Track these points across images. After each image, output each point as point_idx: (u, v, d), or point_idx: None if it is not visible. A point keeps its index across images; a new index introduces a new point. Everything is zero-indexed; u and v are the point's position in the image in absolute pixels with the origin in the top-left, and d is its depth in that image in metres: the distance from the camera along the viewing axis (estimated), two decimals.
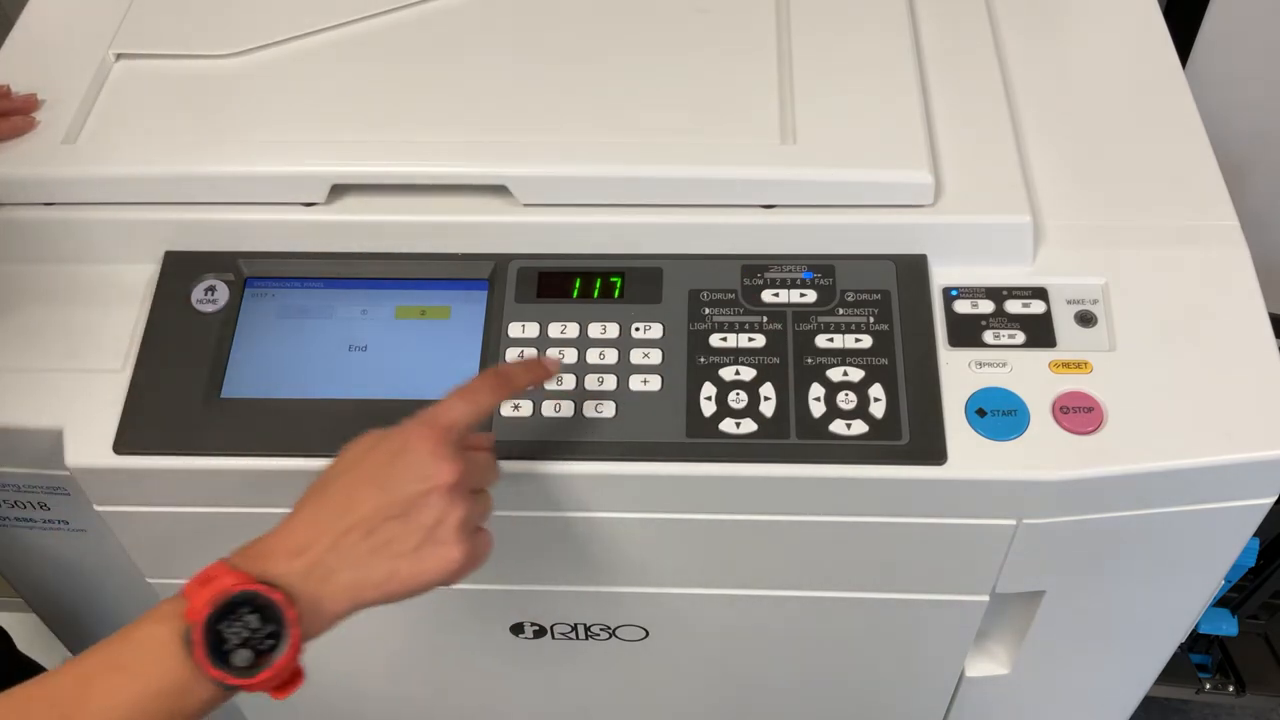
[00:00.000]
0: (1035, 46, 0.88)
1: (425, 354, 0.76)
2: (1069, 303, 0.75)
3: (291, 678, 0.58)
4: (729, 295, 0.76)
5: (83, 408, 0.74)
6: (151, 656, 0.55)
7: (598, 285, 0.77)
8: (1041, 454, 0.70)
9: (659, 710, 1.01)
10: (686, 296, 0.76)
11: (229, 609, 0.55)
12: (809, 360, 0.74)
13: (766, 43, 0.84)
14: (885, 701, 0.98)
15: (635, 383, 0.73)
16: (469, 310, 0.77)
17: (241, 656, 0.55)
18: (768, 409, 0.72)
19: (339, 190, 0.78)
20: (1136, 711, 1.06)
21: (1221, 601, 1.26)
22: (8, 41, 0.87)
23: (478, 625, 0.89)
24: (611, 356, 0.74)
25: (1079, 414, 0.71)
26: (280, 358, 0.76)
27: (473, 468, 0.62)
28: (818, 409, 0.72)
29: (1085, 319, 0.75)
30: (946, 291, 0.76)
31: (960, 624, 0.85)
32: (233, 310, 0.77)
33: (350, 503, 0.60)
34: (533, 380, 0.69)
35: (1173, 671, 1.20)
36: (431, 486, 0.60)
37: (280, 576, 0.57)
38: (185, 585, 0.57)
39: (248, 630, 0.56)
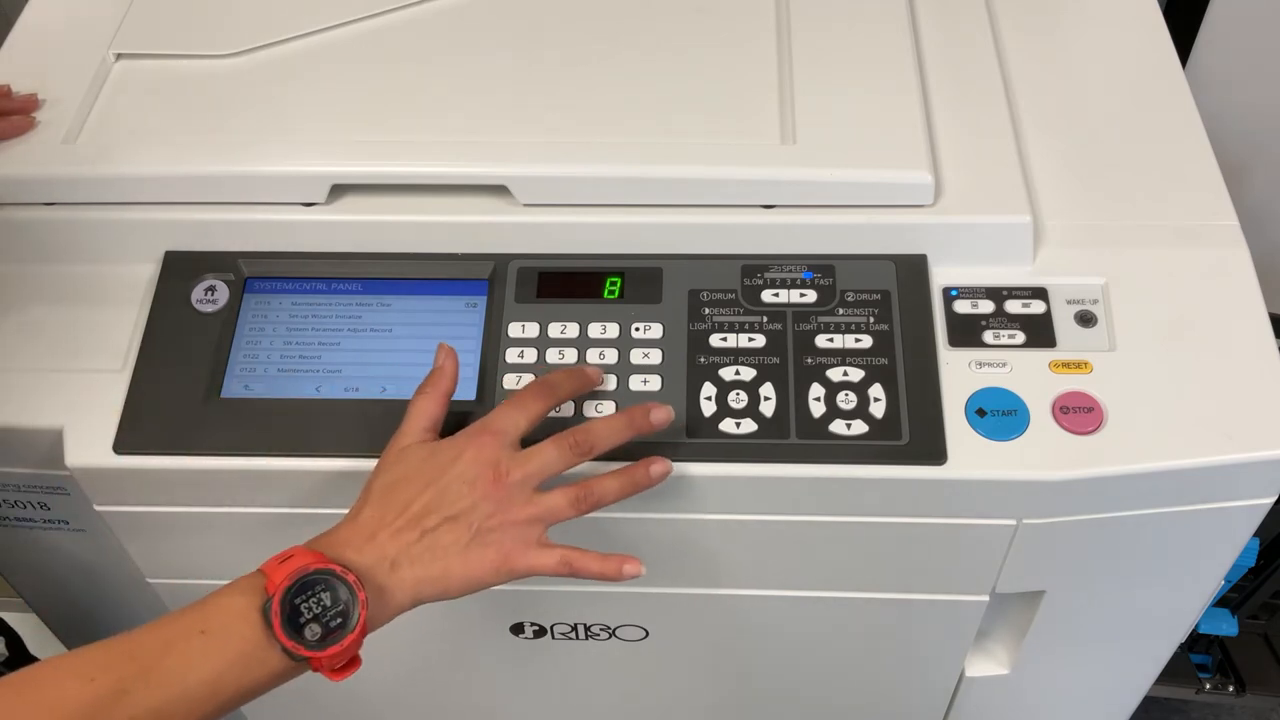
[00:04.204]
0: (1035, 46, 0.89)
1: (425, 354, 0.76)
2: (1069, 303, 0.76)
3: (351, 661, 0.62)
4: (729, 295, 0.76)
5: (83, 408, 0.74)
6: (231, 623, 0.59)
7: (598, 285, 0.77)
8: (1041, 454, 0.70)
9: (659, 710, 1.01)
10: (686, 296, 0.76)
11: (306, 585, 0.59)
12: (809, 360, 0.74)
13: (766, 43, 0.84)
14: (885, 701, 0.98)
15: (635, 383, 0.73)
16: (469, 310, 0.77)
17: (312, 630, 0.59)
18: (768, 409, 0.72)
19: (339, 190, 0.78)
20: (1136, 711, 1.06)
21: (1221, 601, 1.26)
22: (8, 41, 0.87)
23: (478, 625, 0.89)
24: (611, 356, 0.74)
25: (1079, 414, 0.71)
26: (280, 358, 0.76)
27: (527, 467, 0.66)
28: (818, 409, 0.72)
29: (1085, 319, 0.75)
30: (946, 291, 0.76)
31: (960, 624, 0.85)
32: (233, 310, 0.77)
33: (409, 504, 0.64)
34: (576, 389, 0.71)
35: (1173, 671, 1.20)
36: (480, 489, 0.64)
37: (352, 562, 0.62)
38: (264, 564, 0.61)
39: (320, 607, 0.59)
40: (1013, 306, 0.75)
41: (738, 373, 0.73)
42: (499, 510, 0.65)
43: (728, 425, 0.72)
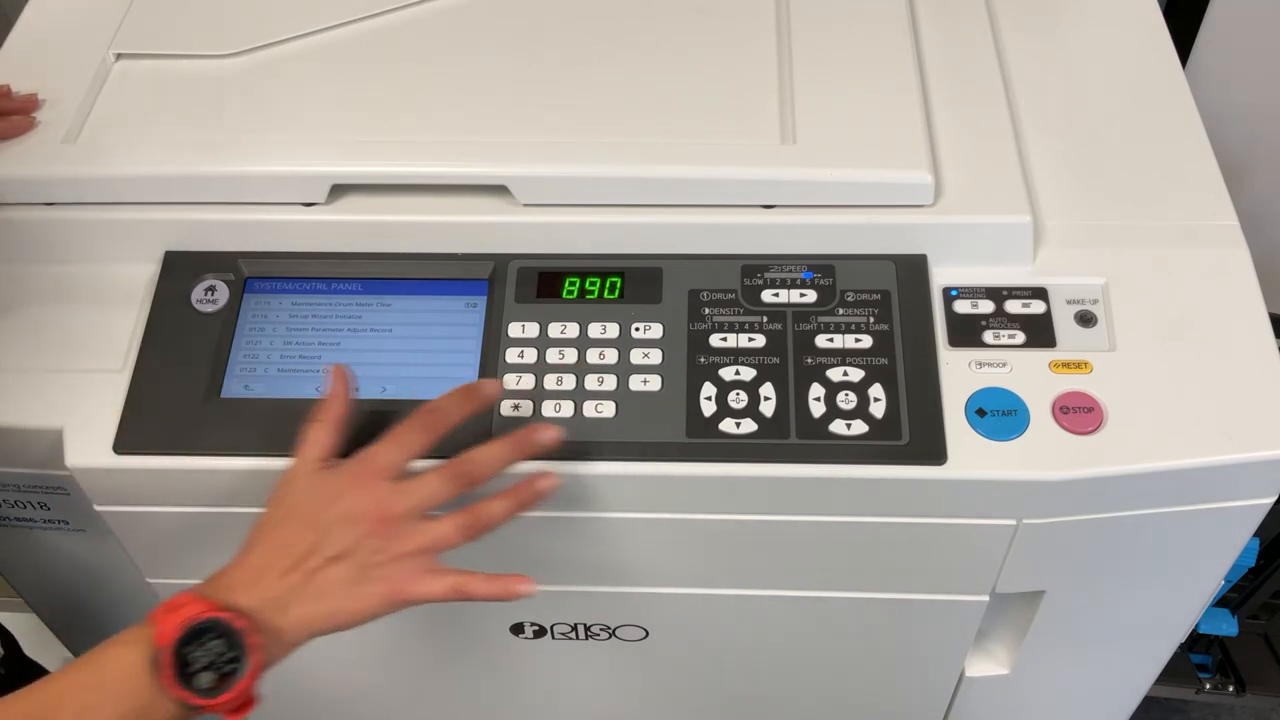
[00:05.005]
0: (1035, 46, 0.89)
1: (425, 354, 0.76)
2: (1069, 303, 0.76)
3: (248, 700, 0.62)
4: (729, 295, 0.76)
5: (83, 408, 0.74)
6: (120, 677, 0.59)
7: (598, 285, 0.77)
8: (1041, 454, 0.70)
9: (659, 710, 1.01)
10: (686, 296, 0.76)
11: (196, 634, 0.60)
12: (809, 360, 0.74)
13: (766, 43, 0.84)
14: (885, 701, 0.98)
15: (635, 383, 0.73)
16: (469, 310, 0.77)
17: (205, 679, 0.60)
18: (768, 409, 0.72)
19: (339, 190, 0.78)
20: (1136, 711, 1.06)
21: (1221, 601, 1.26)
22: (8, 41, 0.87)
23: (478, 625, 0.89)
24: (611, 356, 0.74)
25: (1079, 414, 0.71)
26: (280, 358, 0.76)
27: (410, 500, 0.65)
28: (818, 409, 0.72)
29: (1085, 319, 0.75)
30: (946, 291, 0.76)
31: (960, 624, 0.85)
32: (233, 310, 0.77)
33: (293, 545, 0.64)
34: (469, 411, 0.69)
35: (1173, 671, 1.20)
36: (364, 527, 0.64)
37: (242, 606, 0.62)
38: (152, 612, 0.61)
39: (213, 654, 0.60)
40: (1013, 306, 0.75)
41: (738, 373, 0.73)
42: (386, 545, 0.65)
43: (728, 425, 0.72)
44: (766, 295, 0.76)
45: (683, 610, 0.85)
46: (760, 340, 0.74)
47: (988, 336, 0.74)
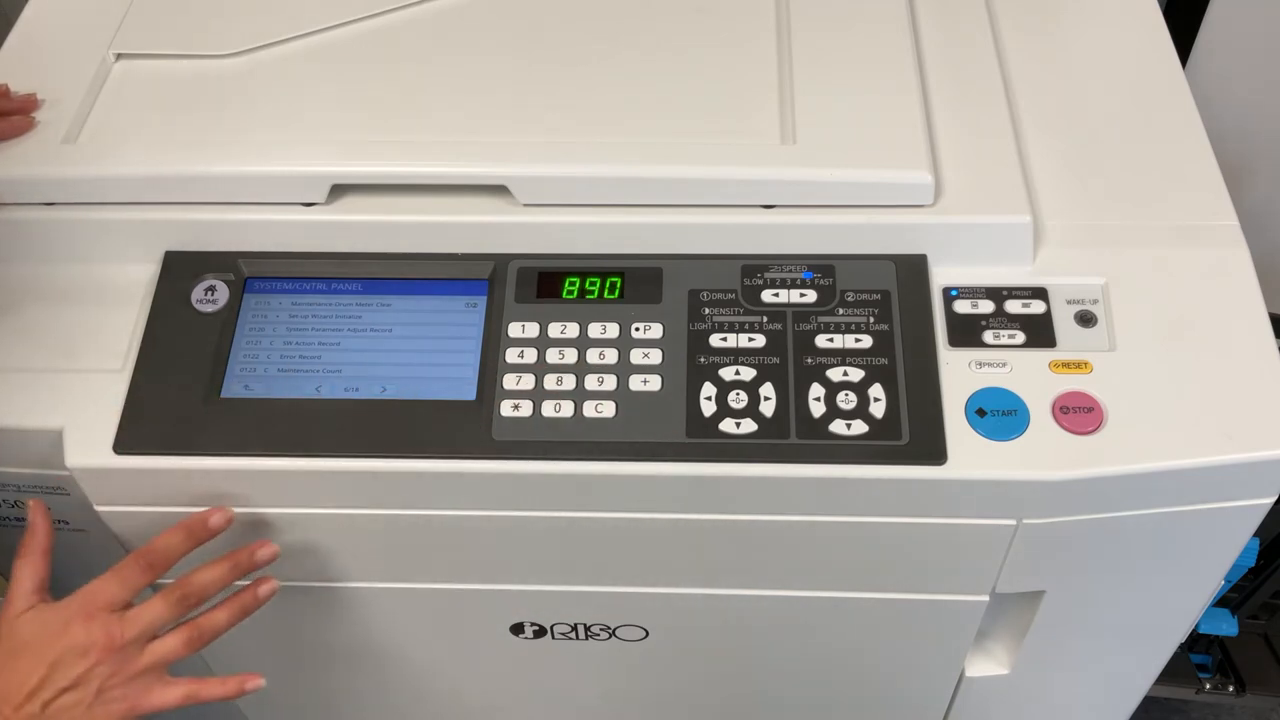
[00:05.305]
0: (1035, 46, 0.89)
1: (425, 354, 0.76)
2: (1069, 303, 0.76)
3: None
4: (729, 295, 0.76)
5: (83, 408, 0.74)
6: None
7: (598, 285, 0.77)
8: (1041, 454, 0.70)
9: (659, 710, 1.01)
10: (686, 296, 0.76)
11: None
12: (809, 360, 0.74)
13: (766, 43, 0.84)
14: (885, 701, 0.98)
15: (635, 383, 0.73)
16: (469, 310, 0.77)
17: None
18: (768, 409, 0.72)
19: (339, 190, 0.78)
20: (1136, 711, 1.06)
21: (1221, 601, 1.26)
22: (8, 41, 0.87)
23: (478, 625, 0.89)
24: (611, 356, 0.74)
25: (1079, 414, 0.71)
26: (280, 358, 0.76)
27: (136, 628, 0.69)
28: (818, 409, 0.72)
29: (1085, 319, 0.75)
30: (946, 291, 0.76)
31: (960, 624, 0.85)
32: (233, 310, 0.77)
33: (25, 679, 0.67)
34: (188, 548, 0.73)
35: (1173, 671, 1.20)
36: (94, 656, 0.68)
37: None
38: None
39: None
40: (1013, 306, 0.75)
41: (738, 373, 0.73)
42: (118, 669, 0.69)
43: (728, 425, 0.72)
44: (766, 295, 0.76)
45: (683, 610, 0.85)
46: (760, 340, 0.74)
47: (988, 336, 0.74)
